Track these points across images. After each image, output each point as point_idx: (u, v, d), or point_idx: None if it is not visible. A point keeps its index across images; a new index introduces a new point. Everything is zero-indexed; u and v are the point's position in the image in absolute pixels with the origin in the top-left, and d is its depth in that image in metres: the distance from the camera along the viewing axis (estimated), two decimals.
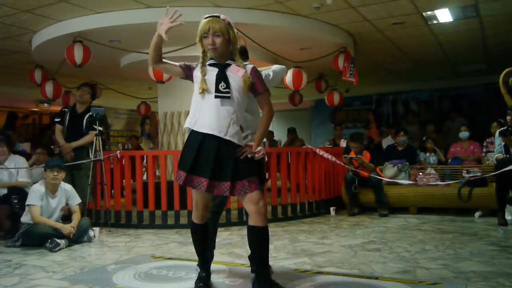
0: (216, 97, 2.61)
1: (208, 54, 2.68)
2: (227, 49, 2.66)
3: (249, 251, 2.96)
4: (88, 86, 5.64)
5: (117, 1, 5.26)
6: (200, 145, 2.62)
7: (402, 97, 11.55)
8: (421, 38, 7.07)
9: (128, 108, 12.59)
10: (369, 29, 6.49)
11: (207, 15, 2.66)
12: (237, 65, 2.68)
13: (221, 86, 2.61)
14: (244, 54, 3.17)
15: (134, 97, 9.84)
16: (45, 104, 11.07)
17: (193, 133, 2.67)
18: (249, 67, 2.72)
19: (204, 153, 2.61)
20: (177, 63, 2.74)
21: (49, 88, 7.37)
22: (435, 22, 6.26)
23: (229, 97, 2.62)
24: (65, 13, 5.57)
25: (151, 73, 6.24)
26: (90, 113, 5.28)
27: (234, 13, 5.44)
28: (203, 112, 2.64)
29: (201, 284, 2.80)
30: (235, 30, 2.68)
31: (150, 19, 5.53)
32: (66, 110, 5.53)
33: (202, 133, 2.62)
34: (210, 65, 2.68)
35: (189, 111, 2.73)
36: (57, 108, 9.09)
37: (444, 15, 6.02)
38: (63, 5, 5.29)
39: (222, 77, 2.63)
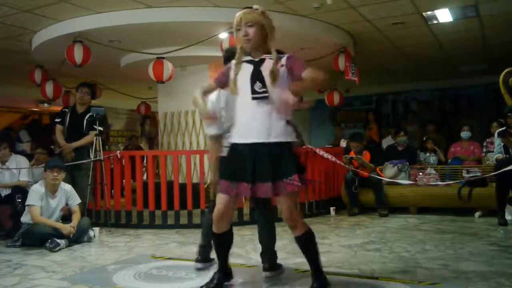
0: (253, 99, 2.45)
1: (244, 49, 2.54)
2: (262, 40, 2.49)
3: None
4: (88, 86, 5.63)
5: (117, 1, 5.26)
6: (237, 151, 2.53)
7: (402, 97, 11.55)
8: (421, 38, 7.07)
9: (128, 108, 12.59)
10: (369, 29, 6.49)
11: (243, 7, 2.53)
12: (271, 59, 2.48)
13: (257, 86, 2.46)
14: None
15: (134, 97, 9.84)
16: (45, 104, 11.06)
17: (234, 145, 2.56)
18: (285, 56, 2.51)
19: (241, 158, 2.50)
20: (212, 83, 2.64)
21: (49, 88, 7.37)
22: (435, 22, 6.26)
23: (267, 98, 2.46)
24: (65, 13, 5.57)
25: (151, 73, 6.24)
26: (90, 113, 5.28)
27: (234, 13, 5.40)
28: (242, 118, 2.52)
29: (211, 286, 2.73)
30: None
31: (150, 19, 5.54)
32: (67, 110, 5.53)
33: (243, 143, 2.50)
34: (247, 61, 2.53)
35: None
36: (57, 108, 9.09)
37: (444, 15, 6.02)
38: (63, 5, 5.29)
39: (256, 76, 2.47)
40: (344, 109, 11.86)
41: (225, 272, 2.83)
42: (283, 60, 2.50)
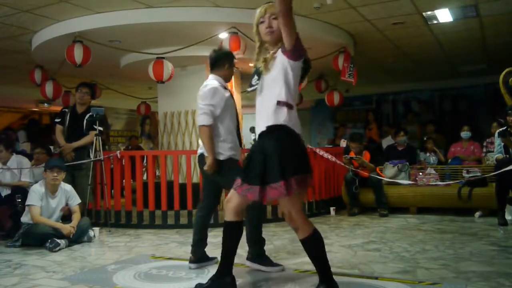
0: (246, 92, 2.53)
1: (263, 44, 2.49)
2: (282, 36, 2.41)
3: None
4: (87, 86, 5.64)
5: (117, 1, 5.26)
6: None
7: (402, 97, 11.56)
8: (421, 38, 7.07)
9: (128, 108, 12.60)
10: (369, 29, 6.49)
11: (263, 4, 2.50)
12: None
13: (254, 80, 2.47)
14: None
15: (134, 97, 9.84)
16: (45, 104, 11.07)
17: None
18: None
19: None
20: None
21: (49, 88, 7.36)
22: (435, 22, 6.26)
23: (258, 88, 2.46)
24: (65, 13, 5.57)
25: (151, 73, 6.24)
26: (90, 113, 5.29)
27: (234, 13, 5.43)
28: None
29: None
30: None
31: (150, 19, 5.54)
32: (67, 110, 5.53)
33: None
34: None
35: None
36: (57, 108, 9.09)
37: (444, 15, 6.02)
38: (63, 5, 5.29)
39: (257, 70, 2.46)
40: (344, 109, 11.87)
41: (225, 274, 2.68)
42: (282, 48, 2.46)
